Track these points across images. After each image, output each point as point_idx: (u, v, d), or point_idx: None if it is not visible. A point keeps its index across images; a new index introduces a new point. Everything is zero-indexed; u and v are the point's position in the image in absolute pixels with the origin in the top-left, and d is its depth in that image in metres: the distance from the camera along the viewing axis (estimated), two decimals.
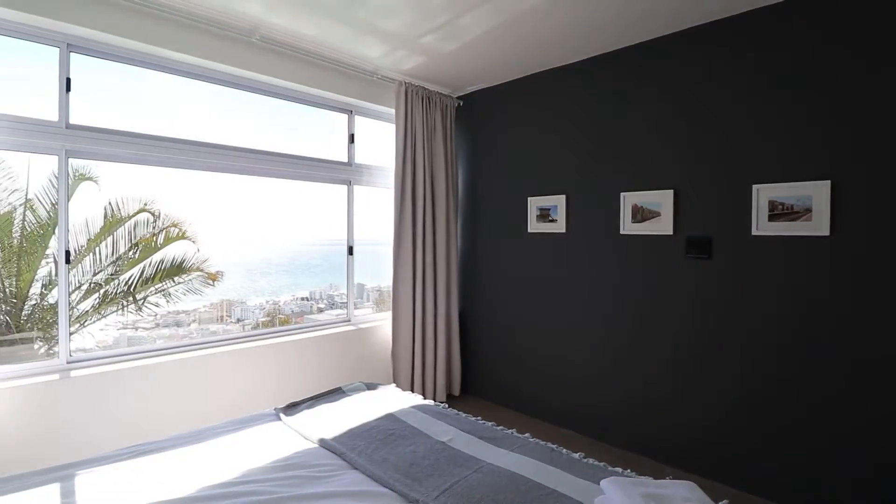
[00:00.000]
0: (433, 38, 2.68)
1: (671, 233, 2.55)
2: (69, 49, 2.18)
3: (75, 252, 2.71)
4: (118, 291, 3.16)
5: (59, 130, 2.15)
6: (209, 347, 2.63)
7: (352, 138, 3.36)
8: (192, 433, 1.80)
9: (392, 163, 3.33)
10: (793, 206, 2.17)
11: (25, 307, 2.88)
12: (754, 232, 2.28)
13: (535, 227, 3.20)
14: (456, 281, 3.57)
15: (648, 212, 2.63)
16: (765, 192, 2.25)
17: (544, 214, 3.13)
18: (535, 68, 3.14)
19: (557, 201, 3.05)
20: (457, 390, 3.61)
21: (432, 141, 3.41)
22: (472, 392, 3.68)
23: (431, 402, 2.17)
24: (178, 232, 3.29)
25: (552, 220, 3.08)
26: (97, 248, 3.05)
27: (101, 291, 3.11)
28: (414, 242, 3.31)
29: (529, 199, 3.22)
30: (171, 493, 1.39)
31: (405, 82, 3.23)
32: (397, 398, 2.16)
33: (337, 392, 2.22)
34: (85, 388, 2.13)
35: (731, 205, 2.36)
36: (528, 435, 1.81)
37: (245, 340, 2.80)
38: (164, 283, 3.30)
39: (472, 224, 3.69)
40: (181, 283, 3.34)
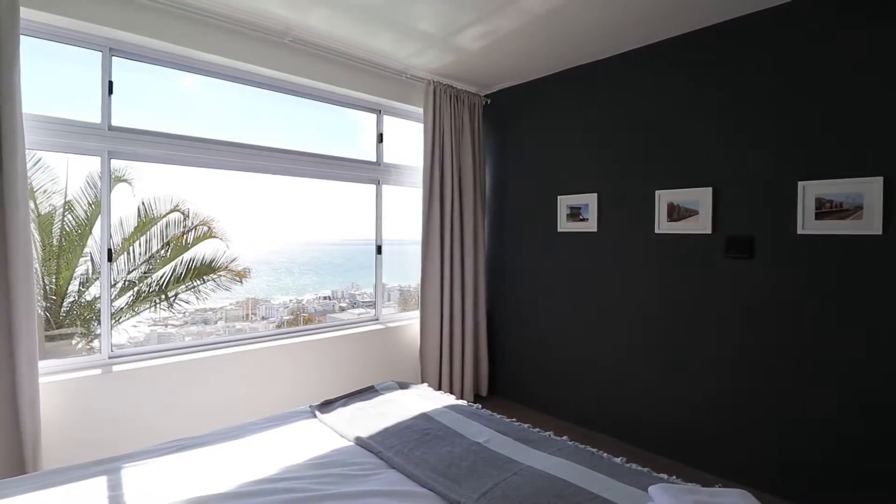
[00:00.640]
0: (463, 36, 2.66)
1: (709, 231, 2.47)
2: (111, 53, 2.24)
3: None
4: (151, 289, 3.25)
5: (102, 132, 2.21)
6: (244, 344, 2.67)
7: (380, 138, 3.36)
8: (231, 429, 1.82)
9: (419, 162, 3.33)
10: (842, 204, 2.08)
11: (64, 304, 2.98)
12: (800, 231, 2.19)
13: (565, 226, 3.15)
14: (483, 280, 3.55)
15: (685, 210, 2.56)
16: (811, 189, 2.16)
17: (575, 213, 3.08)
18: (565, 64, 3.09)
19: (589, 199, 3.00)
20: (484, 390, 3.58)
21: (460, 140, 3.40)
22: (500, 393, 3.64)
23: (464, 402, 2.15)
24: (206, 231, 3.36)
25: (583, 219, 3.03)
26: (131, 248, 3.14)
27: (135, 289, 3.20)
28: (442, 242, 3.30)
29: (559, 197, 3.17)
30: (213, 488, 1.41)
31: (433, 81, 3.22)
32: (430, 398, 2.15)
33: (370, 391, 2.22)
34: (125, 383, 2.18)
35: (774, 203, 2.28)
36: (565, 438, 1.78)
37: (278, 338, 2.84)
38: (194, 281, 3.37)
39: (500, 223, 3.66)
40: (210, 281, 3.41)
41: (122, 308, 3.06)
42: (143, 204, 3.07)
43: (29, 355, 1.83)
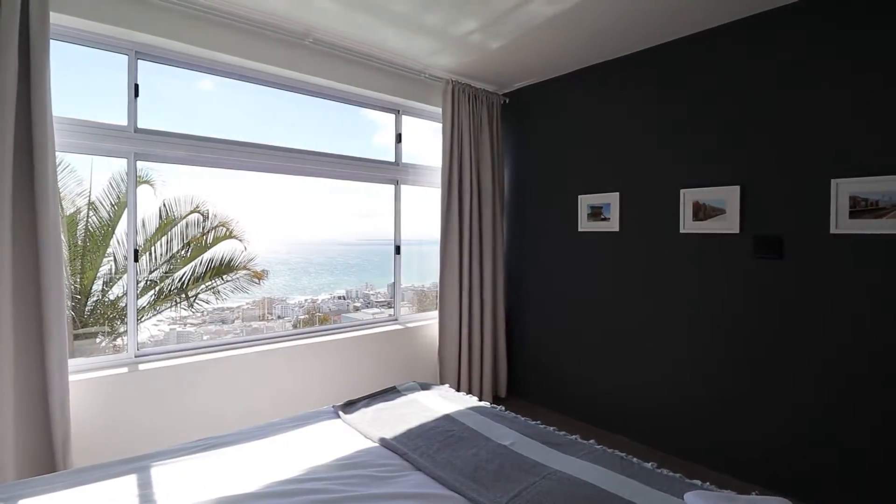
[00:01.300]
0: (483, 34, 2.64)
1: (737, 231, 2.41)
2: (137, 56, 2.27)
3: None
4: (172, 288, 3.29)
5: (128, 134, 2.23)
6: (266, 343, 2.68)
7: (399, 138, 3.36)
8: (256, 428, 1.83)
9: (437, 162, 3.32)
10: (878, 202, 2.01)
11: (88, 303, 3.04)
12: (833, 230, 2.12)
13: (585, 225, 3.10)
14: (502, 280, 3.52)
15: (711, 209, 2.50)
16: (845, 187, 2.09)
17: (596, 213, 3.03)
18: (588, 61, 3.04)
19: (610, 199, 2.95)
20: (503, 392, 3.55)
21: (478, 139, 3.38)
22: (519, 394, 3.61)
23: (487, 403, 2.12)
24: (225, 231, 3.40)
25: (605, 219, 2.98)
26: (153, 248, 3.19)
27: (157, 289, 3.25)
28: (461, 241, 3.28)
29: (580, 197, 3.13)
30: (240, 487, 1.41)
31: (452, 80, 3.20)
32: (452, 399, 2.13)
33: (392, 391, 2.21)
34: (151, 381, 2.21)
35: (805, 201, 2.21)
36: (592, 441, 1.74)
37: (299, 337, 2.85)
38: (213, 281, 3.41)
39: (519, 223, 3.62)
40: (229, 281, 3.45)
41: (144, 307, 3.11)
42: (164, 205, 3.12)
43: (59, 354, 1.86)
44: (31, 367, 1.84)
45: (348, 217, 3.52)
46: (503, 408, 2.07)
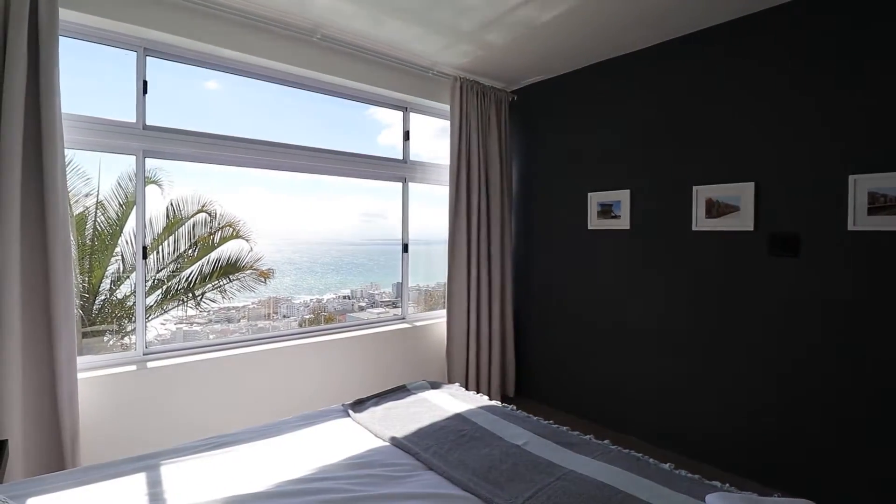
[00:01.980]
0: (493, 29, 2.61)
1: (752, 229, 2.37)
2: (145, 53, 2.26)
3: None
4: (179, 288, 3.29)
5: (137, 131, 2.22)
6: (273, 342, 2.67)
7: (406, 135, 3.34)
8: (266, 427, 1.81)
9: (445, 160, 3.29)
10: None
11: (96, 302, 3.04)
12: (850, 227, 2.08)
13: (595, 223, 3.07)
14: (511, 279, 3.49)
15: (725, 206, 2.46)
16: (863, 183, 2.04)
17: (606, 210, 3.00)
18: (597, 57, 3.01)
19: (621, 196, 2.91)
20: (511, 391, 3.52)
21: (486, 137, 3.35)
22: (527, 393, 3.58)
23: (498, 402, 2.10)
24: (232, 232, 3.39)
25: (615, 217, 2.95)
26: (160, 247, 3.18)
27: (164, 287, 3.24)
28: (469, 240, 3.26)
29: (590, 194, 3.09)
30: (249, 487, 1.39)
31: (460, 77, 3.18)
32: (463, 398, 2.10)
33: (402, 390, 2.19)
34: (159, 379, 2.20)
35: (821, 198, 2.17)
36: (607, 441, 1.71)
37: (306, 336, 2.83)
38: (220, 281, 3.41)
39: (528, 220, 3.59)
40: (236, 280, 3.44)
41: (151, 306, 3.11)
42: (171, 204, 3.11)
43: (68, 352, 1.85)
44: (40, 365, 1.83)
45: (354, 217, 3.51)
46: (514, 407, 2.04)
